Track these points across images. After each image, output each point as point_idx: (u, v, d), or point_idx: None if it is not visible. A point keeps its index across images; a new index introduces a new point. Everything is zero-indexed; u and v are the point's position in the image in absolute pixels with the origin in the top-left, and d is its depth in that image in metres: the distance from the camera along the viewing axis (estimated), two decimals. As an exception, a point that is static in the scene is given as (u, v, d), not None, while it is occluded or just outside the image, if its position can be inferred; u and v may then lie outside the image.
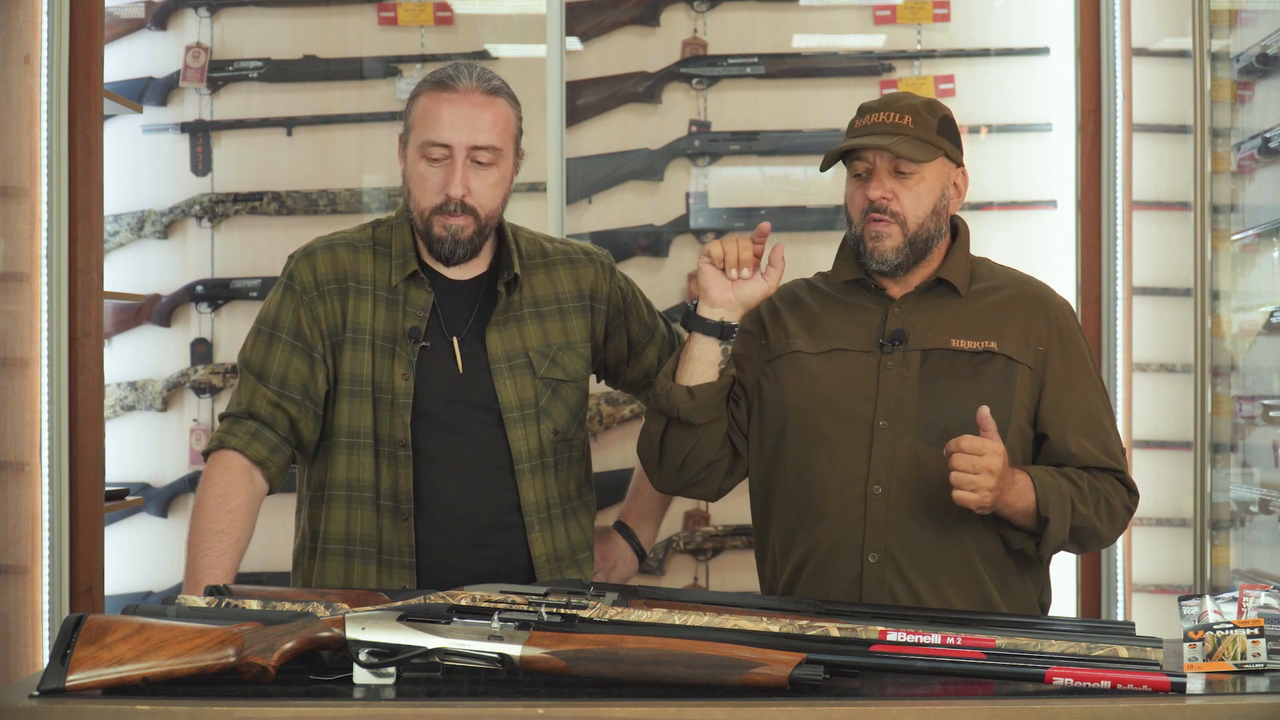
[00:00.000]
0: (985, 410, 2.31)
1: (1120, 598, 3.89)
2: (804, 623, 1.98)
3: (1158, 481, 3.99)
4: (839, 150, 2.49)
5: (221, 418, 2.57)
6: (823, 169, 2.54)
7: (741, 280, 2.45)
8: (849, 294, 2.57)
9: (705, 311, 2.46)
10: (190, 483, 4.24)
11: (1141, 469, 3.96)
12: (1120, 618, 3.84)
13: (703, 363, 2.46)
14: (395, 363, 2.53)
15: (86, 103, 3.65)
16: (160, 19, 4.29)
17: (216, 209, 4.26)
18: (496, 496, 2.56)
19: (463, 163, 2.49)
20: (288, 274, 2.60)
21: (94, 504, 3.63)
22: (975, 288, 2.55)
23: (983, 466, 2.27)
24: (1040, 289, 2.59)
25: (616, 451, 4.14)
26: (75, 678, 1.87)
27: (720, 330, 2.45)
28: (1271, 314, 3.56)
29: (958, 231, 2.58)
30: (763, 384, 2.56)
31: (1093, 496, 2.43)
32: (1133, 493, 2.50)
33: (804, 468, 2.49)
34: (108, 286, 3.78)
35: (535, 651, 1.90)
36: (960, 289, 2.52)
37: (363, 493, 2.54)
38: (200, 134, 4.29)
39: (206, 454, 2.55)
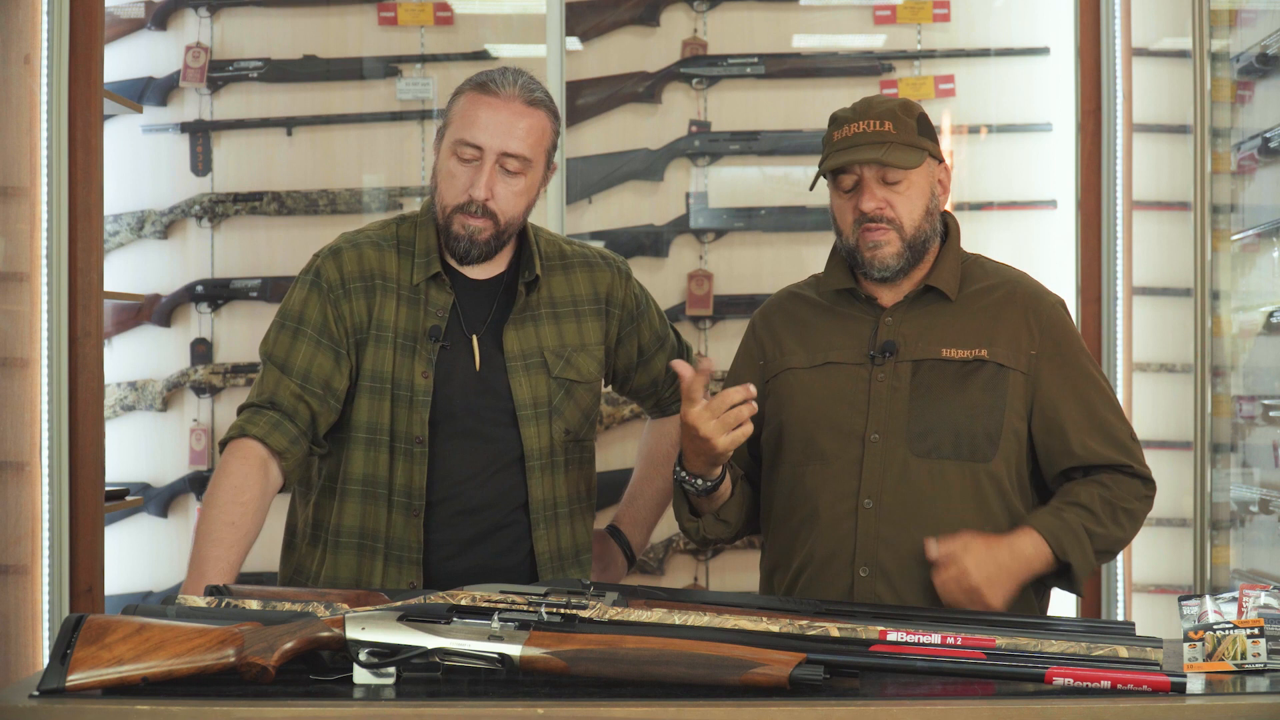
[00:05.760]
0: (929, 543, 2.36)
1: (1120, 598, 3.89)
2: (804, 623, 1.98)
3: (1158, 481, 3.98)
4: (829, 168, 2.48)
5: (241, 409, 2.55)
6: (812, 188, 2.56)
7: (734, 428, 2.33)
8: (840, 303, 2.56)
9: (704, 473, 2.40)
10: (190, 483, 4.25)
11: (1142, 469, 3.96)
12: (1120, 618, 3.84)
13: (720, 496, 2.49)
14: (416, 361, 2.55)
15: (86, 103, 3.65)
16: (160, 19, 4.29)
17: (216, 209, 4.26)
18: (506, 493, 2.57)
19: (491, 167, 2.50)
20: (314, 271, 2.61)
21: (94, 504, 3.63)
22: (966, 291, 2.53)
23: (964, 585, 2.32)
24: (1031, 289, 2.56)
25: (616, 451, 4.15)
26: (75, 678, 1.87)
27: (722, 477, 2.44)
28: (1271, 314, 3.56)
29: (949, 231, 2.58)
30: (765, 404, 2.57)
31: (1107, 512, 2.41)
32: (1147, 481, 2.48)
33: (799, 480, 2.50)
34: (108, 286, 3.78)
35: (535, 651, 1.90)
36: (950, 294, 2.51)
37: (377, 489, 2.55)
38: (200, 134, 4.29)
39: (224, 443, 2.53)
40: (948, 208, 2.61)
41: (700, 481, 2.40)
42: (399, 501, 2.54)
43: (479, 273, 2.61)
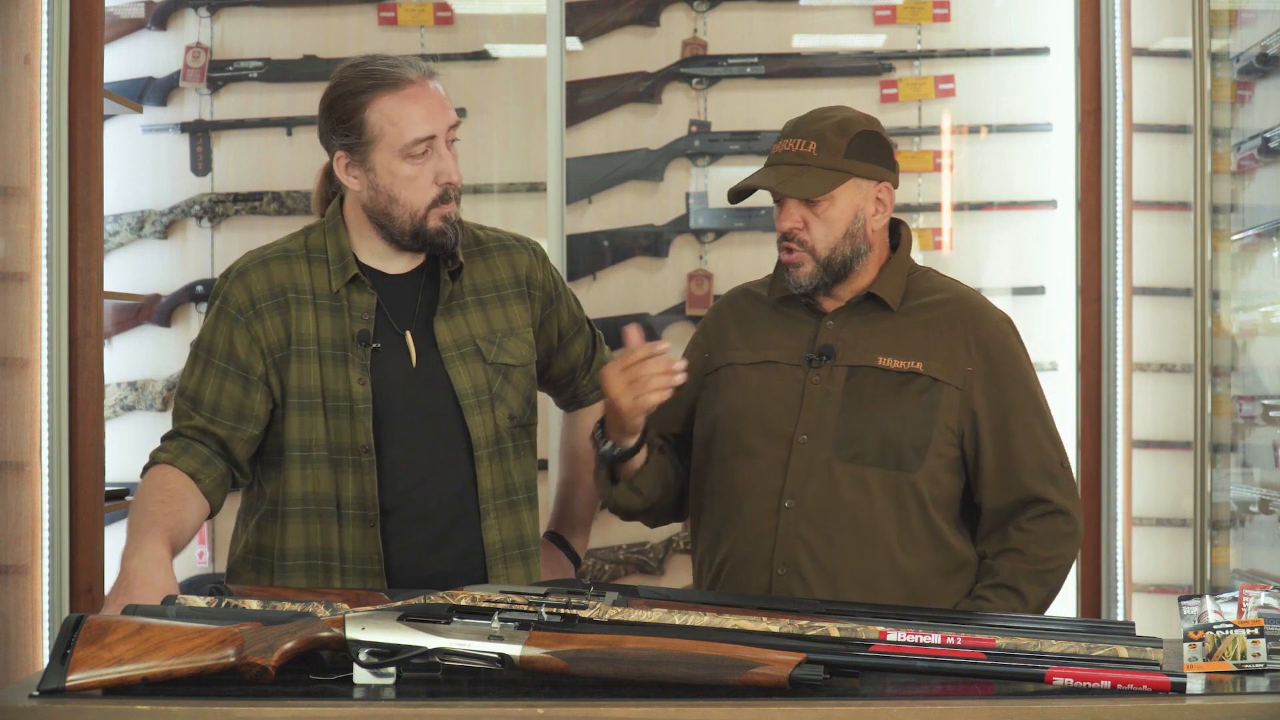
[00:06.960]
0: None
1: (1120, 598, 3.89)
2: (804, 623, 1.98)
3: (1158, 481, 3.99)
4: (738, 188, 2.51)
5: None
6: (732, 202, 2.55)
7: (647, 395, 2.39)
8: (787, 304, 2.58)
9: (618, 439, 2.45)
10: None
11: (1141, 469, 3.96)
12: (1120, 618, 3.84)
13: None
14: (349, 369, 2.50)
15: (86, 103, 3.65)
16: (160, 19, 4.29)
17: (216, 209, 4.27)
18: (457, 492, 2.53)
19: (446, 147, 2.50)
20: (221, 297, 2.55)
21: (94, 504, 3.63)
22: (910, 304, 2.53)
23: None
24: (976, 306, 2.55)
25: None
26: (75, 678, 1.87)
27: (638, 446, 2.46)
28: (1271, 314, 3.56)
29: (900, 240, 2.57)
30: (701, 395, 2.59)
31: (1031, 580, 2.43)
32: (1069, 516, 2.47)
33: (727, 475, 2.51)
34: (108, 286, 3.78)
35: (535, 651, 1.90)
36: (891, 305, 2.51)
37: (322, 505, 2.49)
38: (200, 134, 4.29)
39: (142, 474, 2.48)
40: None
41: (610, 445, 2.43)
42: (352, 514, 2.49)
43: (398, 268, 2.57)
